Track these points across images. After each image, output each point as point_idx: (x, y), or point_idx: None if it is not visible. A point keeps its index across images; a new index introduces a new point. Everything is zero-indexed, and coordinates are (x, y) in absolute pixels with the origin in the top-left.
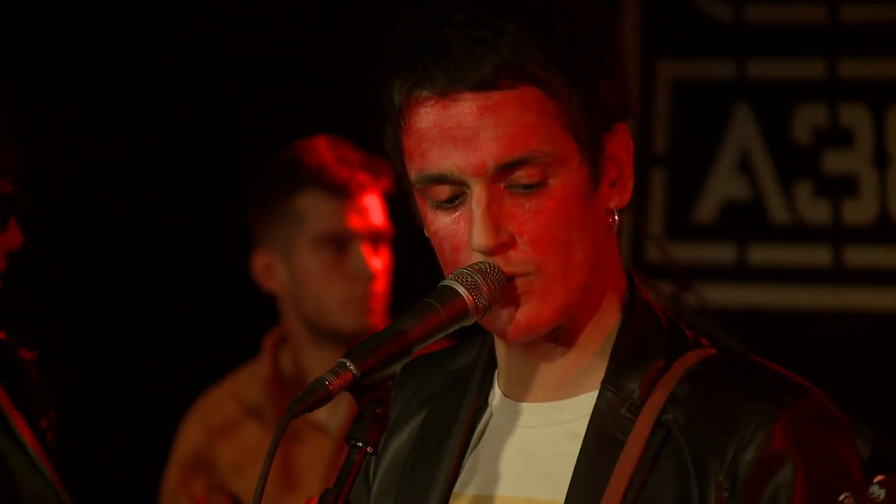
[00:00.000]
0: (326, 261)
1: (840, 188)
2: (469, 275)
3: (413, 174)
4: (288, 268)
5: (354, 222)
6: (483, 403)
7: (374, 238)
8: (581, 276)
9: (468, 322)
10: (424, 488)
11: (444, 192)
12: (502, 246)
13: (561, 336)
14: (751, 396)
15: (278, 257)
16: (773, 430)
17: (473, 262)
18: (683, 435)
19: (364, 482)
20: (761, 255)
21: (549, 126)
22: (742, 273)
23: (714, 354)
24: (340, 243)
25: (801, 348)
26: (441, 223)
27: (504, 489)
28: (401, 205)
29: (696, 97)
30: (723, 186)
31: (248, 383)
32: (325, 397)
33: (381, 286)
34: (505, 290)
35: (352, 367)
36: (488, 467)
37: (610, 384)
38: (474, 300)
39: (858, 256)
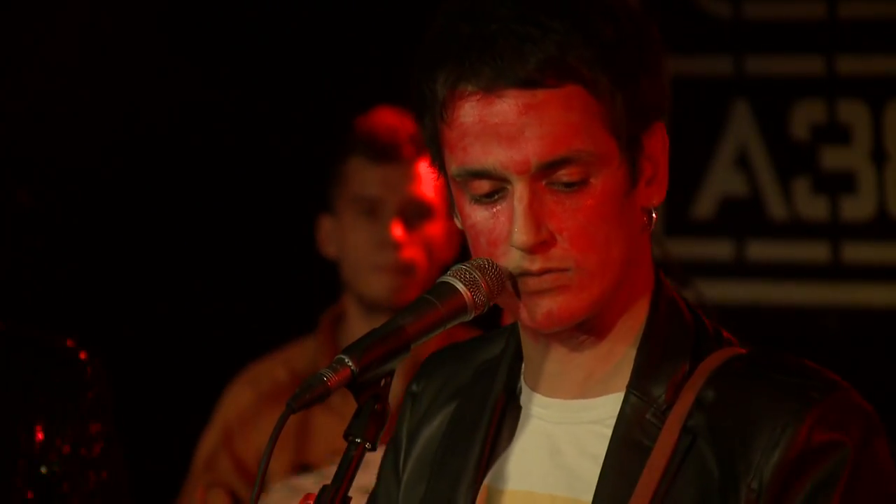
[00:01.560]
0: (359, 223)
1: (838, 184)
2: (467, 271)
3: (453, 167)
4: (337, 230)
5: (387, 188)
6: (511, 396)
7: (411, 208)
8: (616, 273)
9: (467, 318)
10: (454, 479)
11: (483, 186)
12: (542, 244)
13: (587, 331)
14: (776, 396)
15: (333, 221)
16: (802, 429)
17: (511, 256)
18: (709, 441)
19: (394, 473)
20: (759, 251)
21: (592, 125)
22: (740, 269)
23: (740, 354)
24: (372, 206)
25: (800, 344)
26: (479, 217)
27: (530, 484)
28: None
29: (694, 93)
30: (721, 183)
31: (304, 357)
32: (323, 393)
33: (412, 257)
34: (504, 284)
35: (350, 364)
36: (516, 461)
37: (635, 389)
38: (472, 296)
39: (856, 252)
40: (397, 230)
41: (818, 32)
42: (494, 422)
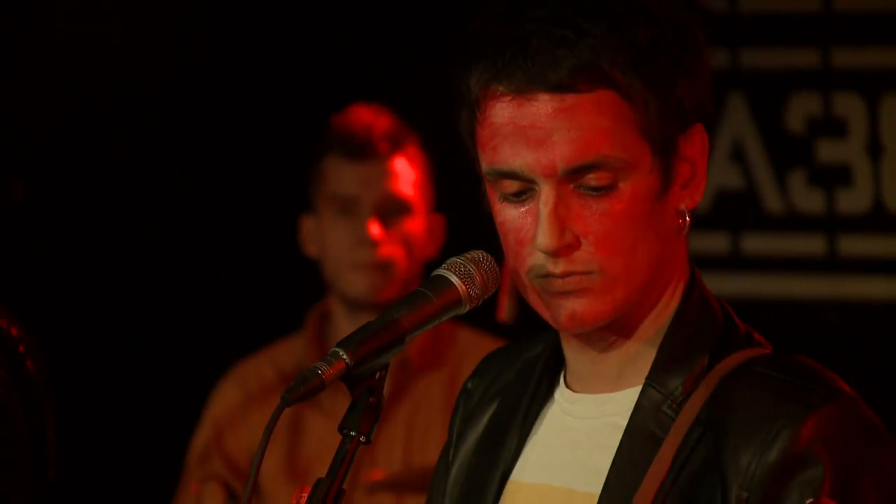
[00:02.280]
0: (337, 222)
1: (834, 177)
2: (462, 264)
3: (484, 166)
4: (318, 230)
5: (365, 186)
6: (548, 393)
7: (388, 205)
8: (642, 277)
9: (461, 311)
10: (486, 474)
11: (512, 185)
12: (567, 247)
13: (617, 330)
14: (778, 399)
15: (313, 221)
16: (798, 433)
17: (535, 257)
18: (715, 435)
19: (445, 470)
20: (755, 244)
21: (623, 131)
22: (735, 262)
23: (763, 355)
24: (348, 205)
25: (795, 337)
26: (508, 215)
27: (551, 479)
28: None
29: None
30: (716, 176)
31: (291, 357)
32: (318, 386)
33: (390, 254)
34: (498, 278)
35: (344, 357)
36: (541, 456)
37: (653, 380)
38: (467, 289)
39: (852, 245)
40: (374, 228)
41: (813, 25)
42: (529, 418)
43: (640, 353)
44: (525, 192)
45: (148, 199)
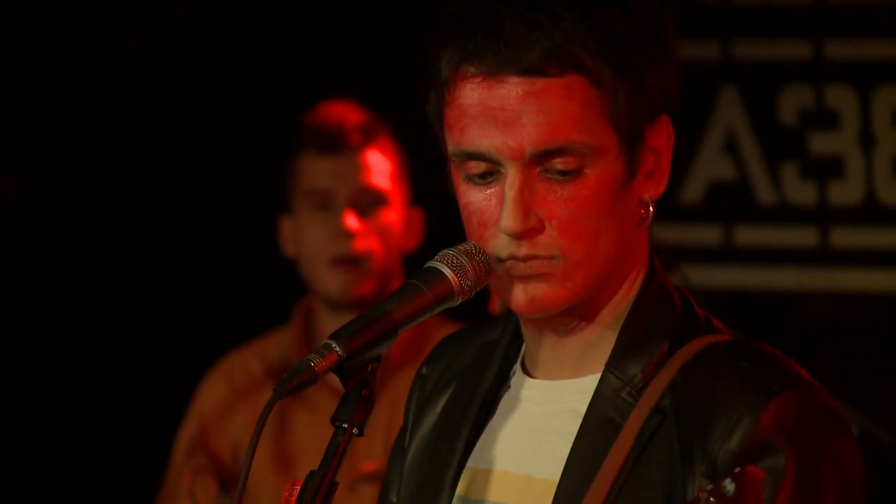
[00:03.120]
0: (314, 218)
1: (826, 169)
2: (455, 256)
3: (451, 147)
4: (295, 229)
5: (339, 180)
6: (504, 377)
7: (363, 198)
8: (603, 265)
9: (454, 303)
10: (442, 460)
11: (478, 167)
12: (530, 230)
13: (576, 317)
14: (738, 386)
15: (291, 221)
16: (758, 420)
17: (499, 240)
18: (675, 422)
19: (401, 455)
20: (747, 236)
21: (591, 117)
22: (728, 254)
23: (723, 341)
24: (324, 199)
25: (787, 329)
26: (473, 197)
27: (508, 465)
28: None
29: (681, 79)
30: (709, 168)
31: (277, 351)
32: (310, 378)
33: (367, 247)
34: (490, 269)
35: (337, 349)
36: (497, 442)
37: (613, 367)
38: (459, 281)
39: (845, 237)
40: (350, 220)
41: (806, 17)
42: (485, 402)
43: (600, 341)
44: (491, 173)
45: (135, 193)
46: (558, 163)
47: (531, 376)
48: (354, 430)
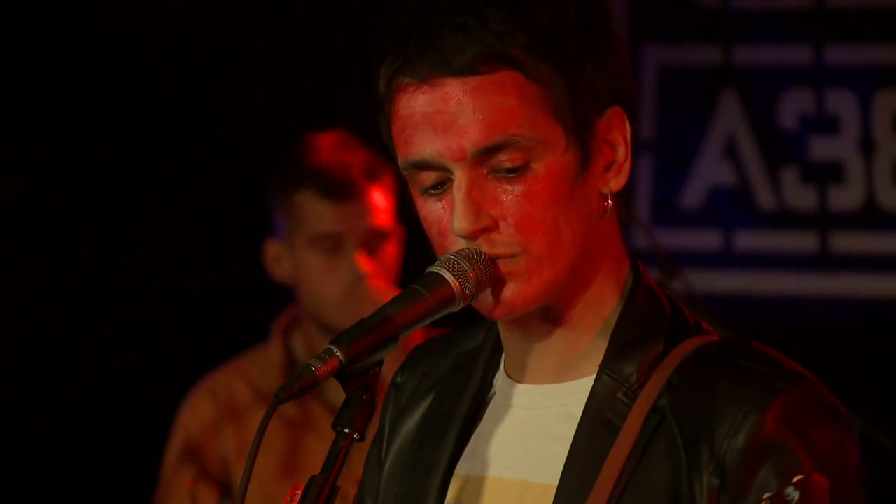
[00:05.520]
0: (322, 260)
1: (826, 174)
2: (456, 261)
3: (400, 161)
4: (292, 260)
5: (347, 224)
6: (488, 384)
7: (371, 238)
8: (568, 257)
9: (455, 308)
10: (427, 468)
11: (429, 177)
12: (484, 230)
13: (555, 318)
14: (742, 383)
15: (285, 249)
16: (765, 417)
17: (459, 246)
18: (677, 421)
19: (378, 464)
20: (747, 240)
21: (530, 110)
22: (728, 259)
23: (714, 341)
24: (334, 244)
25: (787, 334)
26: (429, 209)
27: (501, 471)
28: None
29: (682, 83)
30: (709, 172)
31: (259, 368)
32: (311, 383)
33: (379, 284)
34: (491, 273)
35: (338, 354)
36: (487, 448)
37: (608, 368)
38: (461, 286)
39: (844, 242)
40: (364, 263)
41: (806, 22)
42: (470, 410)
43: (584, 343)
44: (443, 182)
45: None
46: (504, 160)
47: (515, 381)
48: (356, 436)
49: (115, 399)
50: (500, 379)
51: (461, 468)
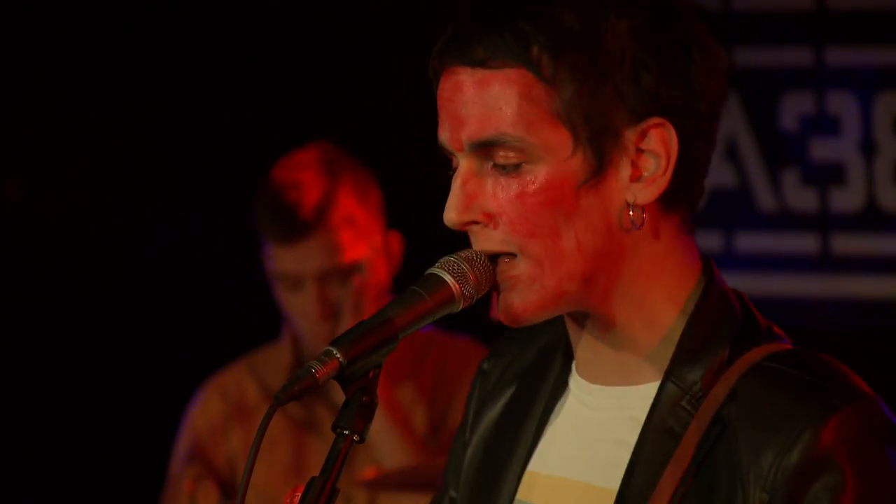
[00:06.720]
0: (286, 295)
1: (827, 176)
2: (456, 262)
3: None
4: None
5: (301, 265)
6: (563, 381)
7: (334, 273)
8: (573, 266)
9: (455, 309)
10: (503, 462)
11: (454, 161)
12: (476, 224)
13: (605, 325)
14: (799, 398)
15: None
16: (819, 435)
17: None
18: (737, 432)
19: (462, 450)
20: (748, 242)
21: (531, 112)
22: (728, 261)
23: (783, 350)
24: (294, 282)
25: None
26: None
27: (568, 472)
28: None
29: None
30: (709, 174)
31: (269, 367)
32: (311, 385)
33: (343, 314)
34: (492, 276)
35: (338, 355)
36: (558, 447)
37: (673, 375)
38: (460, 288)
39: (845, 244)
40: (321, 301)
41: (807, 24)
42: (545, 406)
43: (649, 348)
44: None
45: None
46: (500, 157)
47: (582, 378)
48: (355, 437)
49: (123, 397)
50: (573, 376)
51: (533, 464)
